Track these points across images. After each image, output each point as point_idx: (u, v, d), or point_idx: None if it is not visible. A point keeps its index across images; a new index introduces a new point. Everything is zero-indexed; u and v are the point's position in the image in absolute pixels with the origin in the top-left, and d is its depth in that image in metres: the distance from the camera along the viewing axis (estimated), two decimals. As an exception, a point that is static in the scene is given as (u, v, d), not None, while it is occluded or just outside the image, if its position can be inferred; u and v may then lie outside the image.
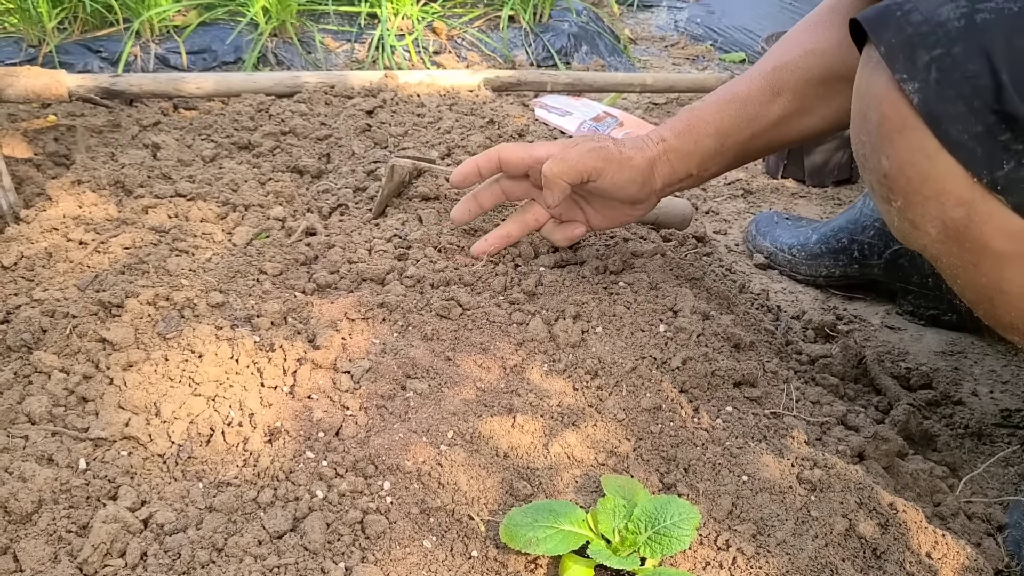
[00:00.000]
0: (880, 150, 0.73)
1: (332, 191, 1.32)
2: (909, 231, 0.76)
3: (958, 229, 0.71)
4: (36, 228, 1.16)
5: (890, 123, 0.71)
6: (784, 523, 0.82)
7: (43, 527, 0.75)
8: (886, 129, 0.71)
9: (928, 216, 0.72)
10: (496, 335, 0.99)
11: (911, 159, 0.70)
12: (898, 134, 0.70)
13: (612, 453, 0.87)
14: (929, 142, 0.68)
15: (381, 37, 2.38)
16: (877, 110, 0.72)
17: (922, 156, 0.69)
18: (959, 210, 0.70)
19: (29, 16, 2.25)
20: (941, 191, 0.70)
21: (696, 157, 1.05)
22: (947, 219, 0.71)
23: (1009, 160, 0.66)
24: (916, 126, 0.69)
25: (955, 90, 0.66)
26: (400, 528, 0.76)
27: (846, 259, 1.41)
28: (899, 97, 0.69)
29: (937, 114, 0.67)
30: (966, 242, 0.72)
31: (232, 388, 0.89)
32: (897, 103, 0.69)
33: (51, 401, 0.88)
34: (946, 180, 0.69)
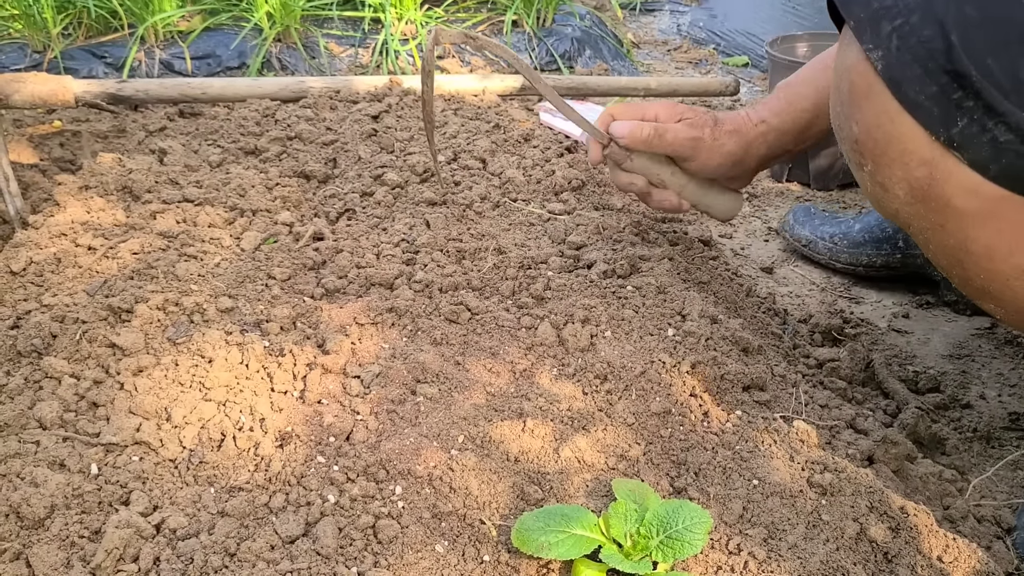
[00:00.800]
0: (851, 117, 0.77)
1: (339, 196, 1.32)
2: (881, 195, 0.79)
3: (922, 188, 0.75)
4: (45, 233, 1.16)
5: (858, 90, 0.75)
6: (795, 527, 0.82)
7: (55, 532, 0.75)
8: (855, 96, 0.76)
9: (895, 178, 0.76)
10: (505, 339, 0.99)
11: (877, 122, 0.74)
12: (865, 99, 0.75)
13: (622, 457, 0.87)
14: (891, 104, 0.73)
15: (385, 42, 2.39)
16: (847, 79, 0.76)
17: (886, 119, 0.73)
18: (922, 169, 0.74)
19: (34, 22, 2.26)
20: (904, 151, 0.74)
21: (793, 133, 1.11)
22: (912, 179, 0.75)
23: (962, 117, 0.69)
24: (880, 91, 0.73)
25: (912, 54, 0.70)
26: (412, 533, 0.76)
27: (889, 248, 1.43)
28: (866, 65, 0.74)
29: (897, 77, 0.72)
30: (930, 201, 0.75)
31: (242, 393, 0.89)
32: (864, 71, 0.74)
33: (62, 406, 0.88)
34: (908, 140, 0.73)
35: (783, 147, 1.13)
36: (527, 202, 1.32)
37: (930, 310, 1.42)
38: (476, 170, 1.39)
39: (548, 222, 1.26)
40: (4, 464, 0.81)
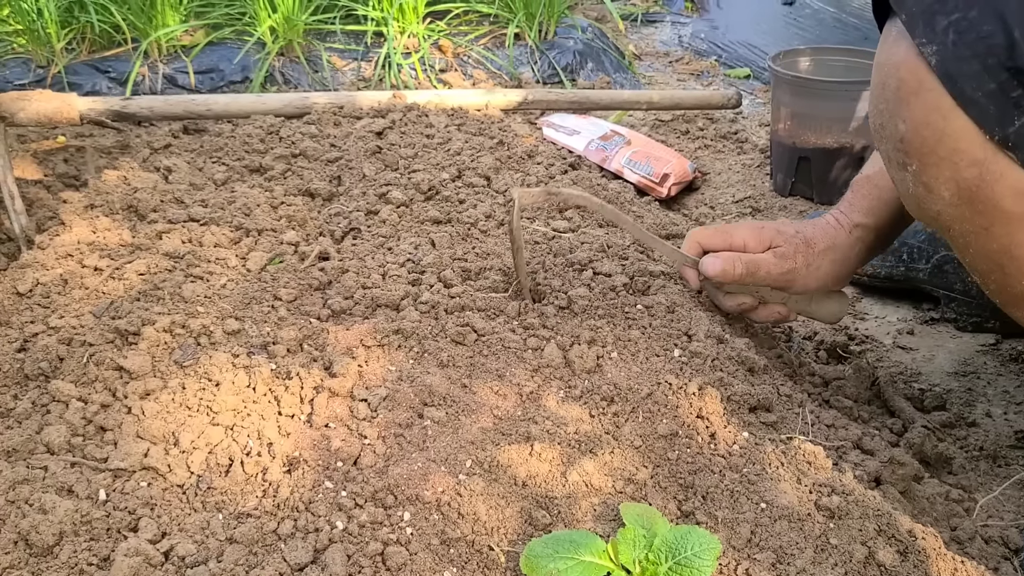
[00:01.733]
0: (897, 115, 0.75)
1: (344, 214, 1.32)
2: (923, 196, 0.77)
3: (971, 190, 0.73)
4: (51, 254, 1.17)
5: (908, 87, 0.73)
6: (803, 551, 0.82)
7: (64, 560, 0.75)
8: (904, 93, 0.74)
9: (942, 178, 0.74)
10: (512, 361, 0.99)
11: (927, 119, 0.73)
12: (915, 96, 0.73)
13: (630, 481, 0.87)
14: (944, 100, 0.71)
15: (388, 55, 2.39)
16: (896, 76, 0.75)
17: (937, 116, 0.72)
18: (972, 170, 0.72)
19: (38, 37, 2.27)
20: (954, 150, 0.72)
21: (889, 227, 1.08)
22: (960, 180, 0.73)
23: (1020, 116, 0.68)
24: (933, 87, 0.71)
25: (970, 50, 0.69)
26: (421, 560, 0.76)
27: (893, 260, 1.43)
28: (918, 61, 0.72)
29: (953, 73, 0.70)
30: (978, 203, 0.73)
31: (250, 417, 0.89)
32: (915, 67, 0.72)
33: (69, 431, 0.88)
34: (960, 139, 0.71)
35: (882, 244, 1.11)
36: (531, 220, 1.32)
37: (934, 326, 1.42)
38: (480, 188, 1.39)
39: (553, 240, 1.26)
40: (13, 491, 0.81)
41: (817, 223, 1.11)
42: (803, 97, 1.74)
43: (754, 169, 1.96)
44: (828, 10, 2.72)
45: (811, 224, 1.11)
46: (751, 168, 1.96)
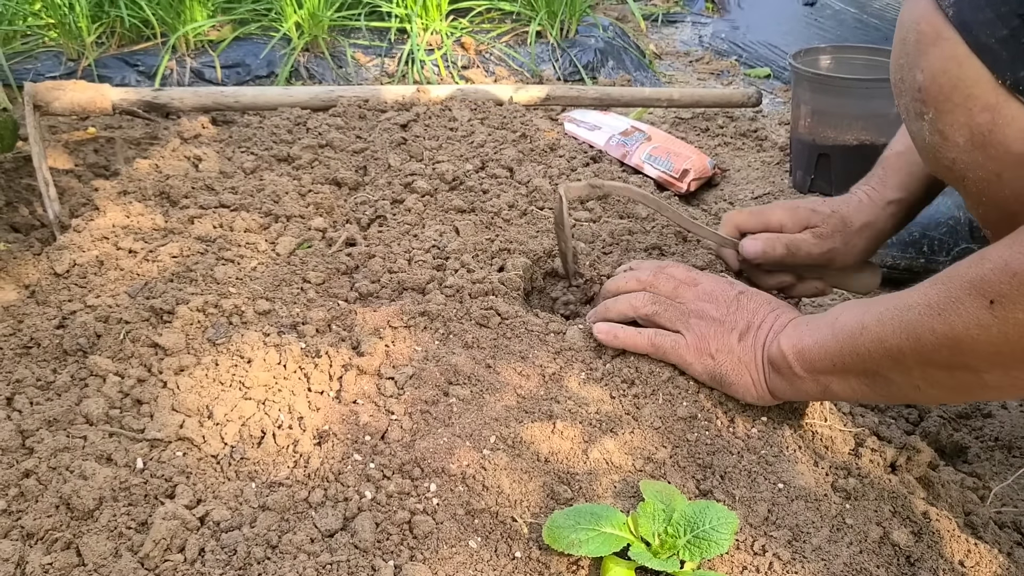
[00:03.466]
0: (916, 65, 0.79)
1: (370, 203, 1.35)
2: (939, 144, 0.80)
3: (983, 134, 0.76)
4: (87, 237, 1.20)
5: (927, 37, 0.77)
6: (819, 530, 0.84)
7: (104, 523, 0.78)
8: (923, 44, 0.78)
9: (956, 124, 0.77)
10: (534, 344, 1.01)
11: (943, 67, 0.76)
12: (933, 45, 0.77)
13: (649, 459, 0.89)
14: (960, 48, 0.74)
15: (411, 52, 2.42)
16: (915, 29, 0.78)
17: (953, 63, 0.75)
18: (984, 115, 0.75)
19: (69, 30, 2.31)
20: (968, 96, 0.75)
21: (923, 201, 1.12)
22: (973, 125, 0.76)
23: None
24: (949, 36, 0.75)
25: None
26: (447, 529, 0.78)
27: (914, 252, 1.45)
28: (936, 13, 0.76)
29: (968, 21, 0.73)
30: (990, 148, 0.76)
31: (281, 392, 0.92)
32: (934, 18, 0.76)
33: (107, 403, 0.91)
34: (974, 85, 0.74)
35: (909, 218, 1.14)
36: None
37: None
38: (504, 179, 1.42)
39: (574, 228, 1.28)
40: (55, 457, 0.84)
41: (850, 201, 1.14)
42: (823, 94, 1.76)
43: (773, 166, 1.97)
44: (849, 11, 2.73)
45: (844, 202, 1.14)
46: (770, 165, 1.98)
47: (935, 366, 0.79)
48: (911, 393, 0.85)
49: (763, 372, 0.92)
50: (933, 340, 0.77)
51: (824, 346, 0.86)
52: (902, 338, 0.79)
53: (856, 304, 0.88)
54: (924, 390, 0.83)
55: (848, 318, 0.85)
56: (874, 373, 0.84)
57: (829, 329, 0.87)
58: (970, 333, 0.74)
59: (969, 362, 0.77)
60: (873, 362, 0.83)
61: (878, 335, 0.81)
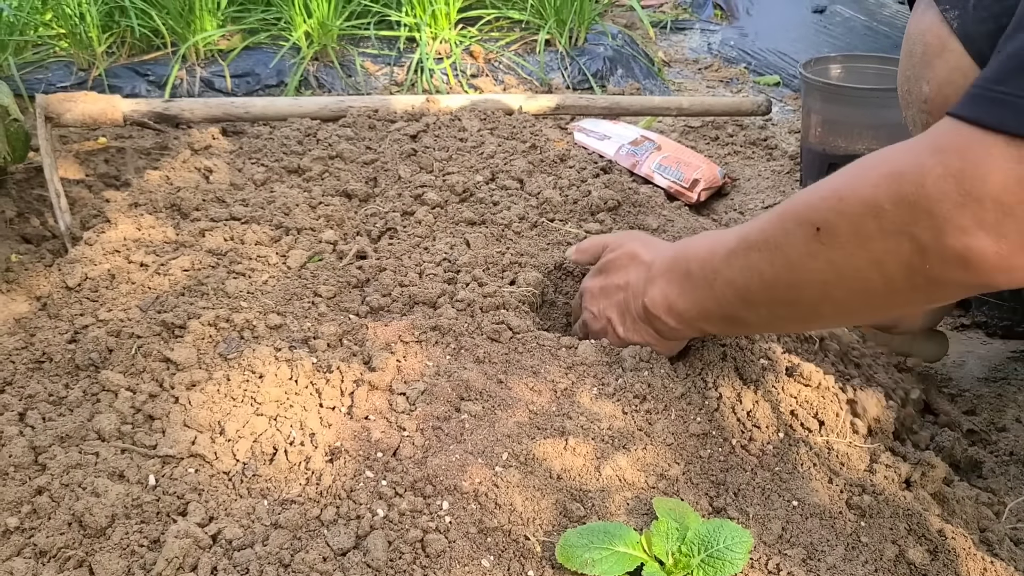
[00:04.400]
0: (922, 77, 0.81)
1: (380, 215, 1.35)
2: None
3: None
4: (99, 250, 1.20)
5: (932, 49, 0.79)
6: (834, 548, 0.83)
7: (116, 541, 0.78)
8: (929, 56, 0.80)
9: None
10: (546, 359, 1.01)
11: (949, 78, 0.78)
12: (938, 57, 0.79)
13: (662, 476, 0.88)
14: (964, 60, 0.76)
15: (420, 61, 2.42)
16: (922, 41, 0.81)
17: (958, 74, 0.77)
18: None
19: (80, 40, 2.32)
20: None
21: None
22: None
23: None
24: (954, 48, 0.77)
25: (987, 11, 0.74)
26: (459, 547, 0.78)
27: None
28: (941, 26, 0.78)
29: (972, 33, 0.75)
30: None
31: (292, 408, 0.92)
32: (939, 31, 0.78)
33: (119, 419, 0.91)
34: None
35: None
36: (564, 222, 1.34)
37: (965, 332, 1.42)
38: (514, 190, 1.42)
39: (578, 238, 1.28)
40: (67, 474, 0.84)
41: None
42: (834, 104, 1.75)
43: (784, 176, 1.96)
44: (859, 18, 2.73)
45: None
46: (781, 175, 1.97)
47: (779, 302, 0.81)
48: (767, 327, 0.92)
49: (651, 330, 0.97)
50: (772, 274, 0.78)
51: (685, 296, 0.90)
52: (748, 276, 0.81)
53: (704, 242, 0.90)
54: (775, 324, 0.89)
55: (697, 266, 0.88)
56: (732, 316, 0.87)
57: (686, 280, 0.89)
58: (802, 263, 0.75)
59: (805, 296, 0.78)
60: (730, 305, 0.85)
61: (728, 278, 0.83)
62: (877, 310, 0.83)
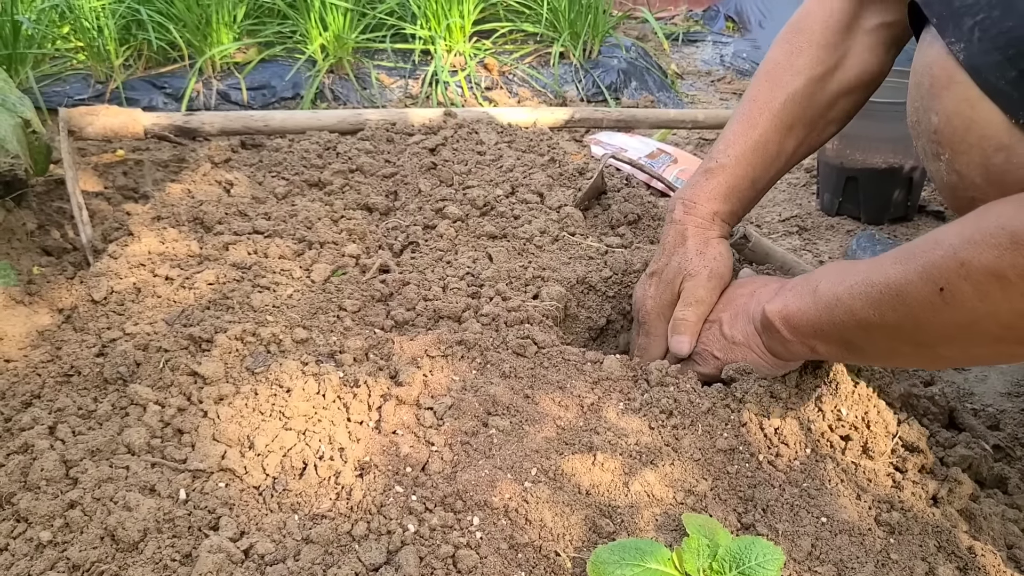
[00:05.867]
0: (931, 108, 0.82)
1: (402, 228, 1.36)
2: (957, 183, 0.82)
3: (999, 174, 0.77)
4: (123, 263, 1.21)
5: (940, 82, 0.80)
6: (864, 565, 0.83)
7: (149, 555, 0.78)
8: (936, 87, 0.80)
9: (972, 164, 0.79)
10: (572, 373, 1.01)
11: (956, 109, 0.79)
12: (945, 89, 0.79)
13: (690, 492, 0.88)
14: (972, 91, 0.77)
15: (435, 73, 2.44)
16: (929, 74, 0.81)
17: (966, 105, 0.78)
18: (999, 155, 0.77)
19: (98, 53, 2.34)
20: (982, 137, 0.77)
21: (740, 214, 1.15)
22: (989, 165, 0.78)
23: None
24: (961, 80, 0.77)
25: (993, 43, 0.75)
26: (491, 563, 0.78)
27: None
28: (948, 58, 0.79)
29: (978, 65, 0.76)
30: (1007, 186, 0.77)
31: (321, 423, 0.92)
32: (946, 63, 0.79)
33: (149, 433, 0.91)
34: (987, 126, 0.77)
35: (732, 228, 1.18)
36: (585, 236, 1.35)
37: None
38: (534, 204, 1.42)
39: (606, 255, 1.28)
40: (99, 488, 0.84)
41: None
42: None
43: (800, 188, 1.97)
44: (872, 31, 2.72)
45: None
46: (797, 187, 1.97)
47: (899, 340, 0.84)
48: (883, 360, 0.94)
49: (760, 340, 0.99)
50: (895, 318, 0.81)
51: (805, 312, 0.92)
52: (869, 313, 0.84)
53: (835, 270, 0.92)
54: (894, 359, 0.91)
55: (826, 287, 0.90)
56: (849, 341, 0.89)
57: (811, 297, 0.91)
58: (925, 315, 0.79)
59: (925, 339, 0.82)
60: (848, 332, 0.87)
61: (849, 307, 0.86)
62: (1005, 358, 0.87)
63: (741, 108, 1.12)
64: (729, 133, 1.11)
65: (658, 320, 1.09)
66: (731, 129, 1.12)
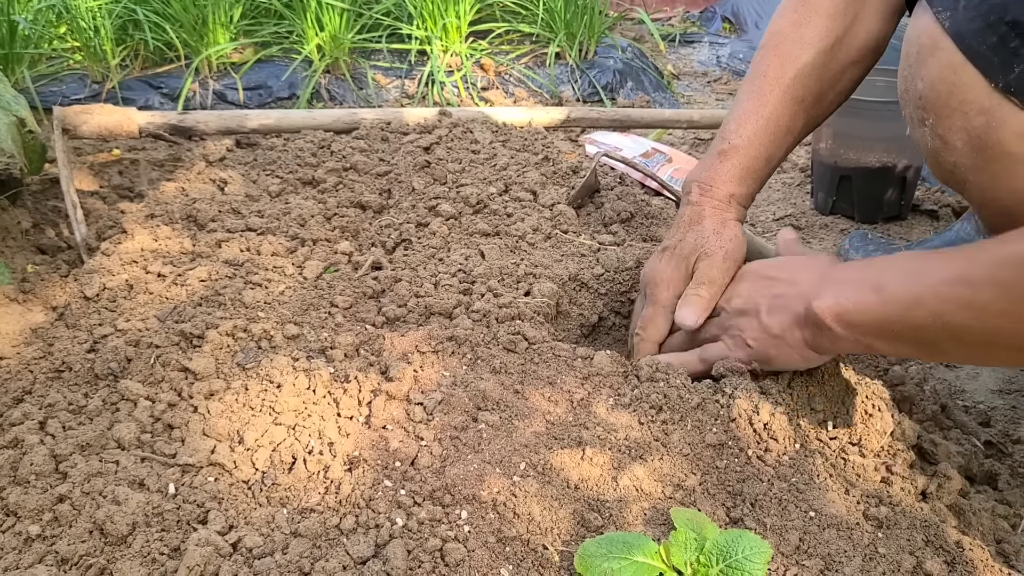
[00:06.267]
0: (917, 75, 0.84)
1: (395, 226, 1.36)
2: (940, 148, 0.84)
3: (980, 137, 0.80)
4: (116, 260, 1.21)
5: (926, 48, 0.83)
6: (852, 559, 0.83)
7: (137, 549, 0.78)
8: (923, 54, 0.83)
9: (954, 128, 0.81)
10: (562, 369, 1.01)
11: (941, 75, 0.81)
12: (931, 55, 0.82)
13: (679, 487, 0.89)
14: (955, 57, 0.79)
15: (431, 73, 2.44)
16: (916, 42, 0.84)
17: (950, 71, 0.80)
18: (980, 118, 0.79)
19: (94, 53, 2.35)
20: (964, 101, 0.80)
21: (755, 194, 1.13)
22: (970, 128, 0.80)
23: (1019, 63, 0.76)
24: (946, 46, 0.80)
25: (976, 11, 0.78)
26: (478, 557, 0.78)
27: None
28: (935, 26, 0.81)
29: (962, 31, 0.79)
30: (987, 150, 0.79)
31: (311, 418, 0.92)
32: (932, 31, 0.82)
33: (139, 428, 0.92)
34: (968, 90, 0.79)
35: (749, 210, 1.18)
36: (578, 234, 1.35)
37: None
38: (527, 202, 1.42)
39: (599, 252, 1.29)
40: (88, 483, 0.85)
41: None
42: (845, 116, 1.75)
43: (794, 188, 1.97)
44: (867, 31, 2.73)
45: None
46: (791, 187, 1.98)
47: (998, 346, 0.79)
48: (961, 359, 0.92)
49: (800, 336, 0.92)
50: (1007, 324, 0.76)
51: (868, 312, 0.85)
52: (967, 317, 0.77)
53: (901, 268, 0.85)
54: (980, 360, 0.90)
55: (898, 288, 0.83)
56: (930, 343, 0.83)
57: (874, 295, 0.84)
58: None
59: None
60: (930, 334, 0.81)
61: (937, 310, 0.79)
62: None
63: (750, 83, 1.09)
64: (740, 111, 1.08)
65: (667, 293, 1.05)
66: (741, 107, 1.09)
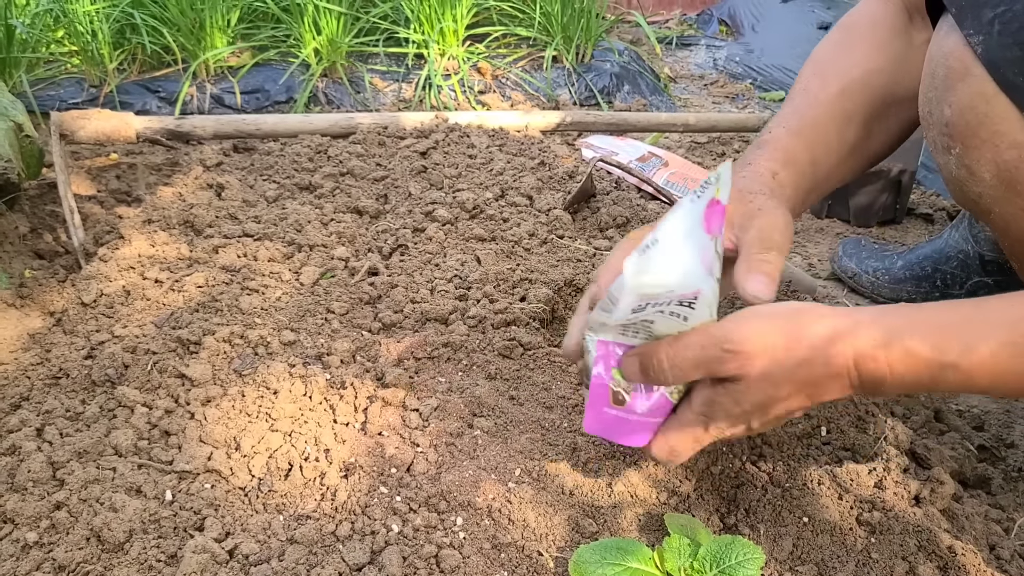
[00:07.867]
0: (944, 100, 0.79)
1: (391, 231, 1.36)
2: (966, 178, 0.80)
3: (1010, 171, 0.76)
4: (113, 267, 1.21)
5: (955, 73, 0.78)
6: (845, 565, 0.84)
7: (134, 556, 0.79)
8: (951, 79, 0.78)
9: (983, 160, 0.77)
10: (557, 374, 1.02)
11: (971, 103, 0.77)
12: (961, 81, 0.77)
13: (674, 493, 0.89)
14: (988, 86, 0.75)
15: (428, 77, 2.44)
16: (944, 64, 0.79)
17: (981, 100, 0.76)
18: (1012, 152, 0.75)
19: (91, 57, 2.35)
20: (996, 132, 0.75)
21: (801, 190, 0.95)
22: (1000, 161, 0.76)
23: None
24: (978, 73, 0.76)
25: (1013, 38, 0.73)
26: (474, 563, 0.79)
27: (928, 286, 1.45)
28: (965, 50, 0.76)
29: (996, 60, 0.74)
30: (1017, 184, 0.76)
31: (307, 424, 0.93)
32: (963, 55, 0.77)
33: (136, 435, 0.92)
34: (1001, 122, 0.75)
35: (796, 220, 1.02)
36: (573, 239, 1.36)
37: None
38: (523, 207, 1.43)
39: (594, 258, 1.29)
40: (85, 490, 0.85)
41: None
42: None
43: (790, 191, 1.97)
44: (863, 35, 2.73)
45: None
46: (787, 190, 1.98)
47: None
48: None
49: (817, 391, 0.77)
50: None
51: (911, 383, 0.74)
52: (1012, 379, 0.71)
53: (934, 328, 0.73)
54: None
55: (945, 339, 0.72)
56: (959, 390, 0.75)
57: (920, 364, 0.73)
58: None
59: None
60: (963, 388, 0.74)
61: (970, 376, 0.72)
62: None
63: (791, 100, 0.99)
64: (779, 116, 0.98)
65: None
66: (782, 112, 0.98)
